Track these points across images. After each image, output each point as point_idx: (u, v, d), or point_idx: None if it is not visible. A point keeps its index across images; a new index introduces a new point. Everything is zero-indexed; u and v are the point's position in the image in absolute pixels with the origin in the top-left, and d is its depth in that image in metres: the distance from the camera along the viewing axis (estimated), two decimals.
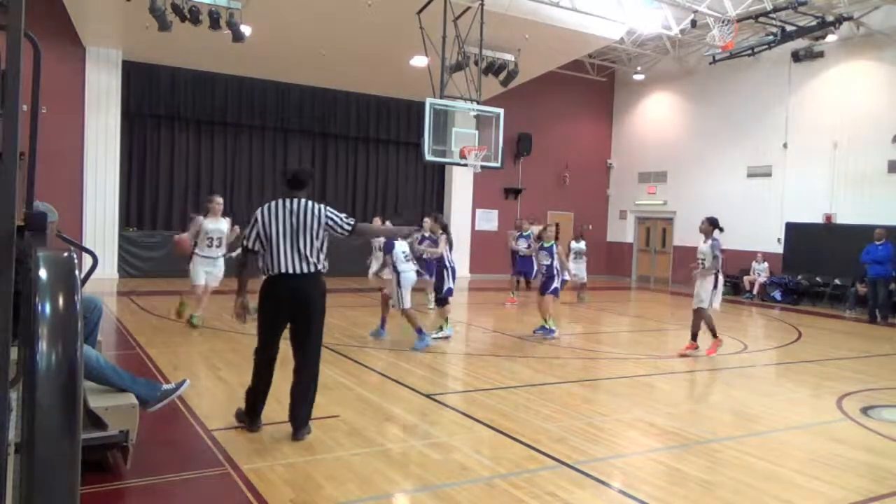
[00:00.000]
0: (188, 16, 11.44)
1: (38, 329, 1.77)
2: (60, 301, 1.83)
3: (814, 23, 13.93)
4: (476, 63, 13.09)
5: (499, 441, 4.91)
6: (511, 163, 19.45)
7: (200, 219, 8.65)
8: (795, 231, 16.63)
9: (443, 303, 9.03)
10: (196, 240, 8.66)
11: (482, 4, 11.75)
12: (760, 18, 13.82)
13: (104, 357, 4.16)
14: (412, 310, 8.37)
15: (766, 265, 16.47)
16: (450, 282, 9.05)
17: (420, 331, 8.26)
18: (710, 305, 8.48)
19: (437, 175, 19.70)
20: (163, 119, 16.13)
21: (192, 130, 16.61)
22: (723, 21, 13.80)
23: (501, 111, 12.22)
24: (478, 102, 12.14)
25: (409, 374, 6.95)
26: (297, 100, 17.25)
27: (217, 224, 8.63)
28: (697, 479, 4.28)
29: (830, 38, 15.17)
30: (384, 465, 4.30)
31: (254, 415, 4.81)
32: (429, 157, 11.67)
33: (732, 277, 16.19)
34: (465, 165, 12.30)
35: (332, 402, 5.61)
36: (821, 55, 16.24)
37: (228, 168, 17.04)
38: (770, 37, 14.35)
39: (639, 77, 20.41)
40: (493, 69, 14.70)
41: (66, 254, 1.95)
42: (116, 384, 3.93)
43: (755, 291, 16.35)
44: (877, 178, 15.07)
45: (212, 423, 4.97)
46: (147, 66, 15.35)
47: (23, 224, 2.22)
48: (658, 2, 14.39)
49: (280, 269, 4.59)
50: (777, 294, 15.97)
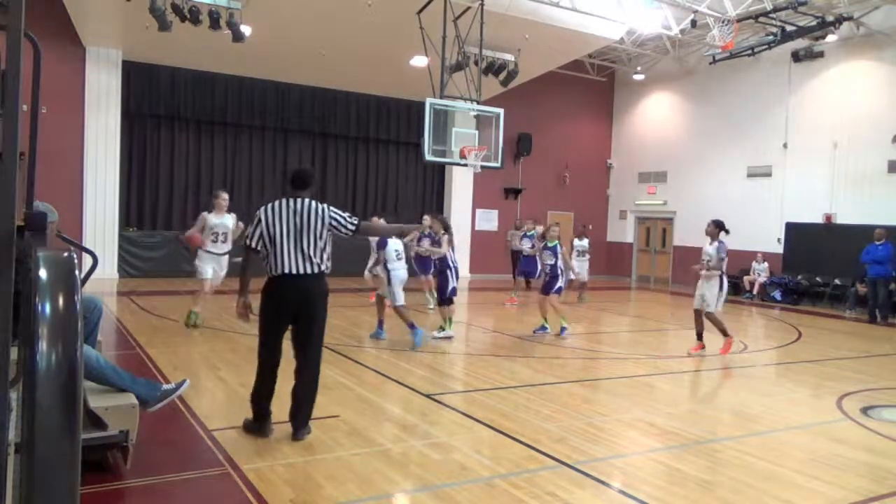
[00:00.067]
0: (188, 16, 11.44)
1: (38, 329, 1.77)
2: (60, 301, 1.83)
3: (814, 23, 13.93)
4: (476, 63, 13.09)
5: (499, 441, 4.91)
6: (511, 163, 19.45)
7: (205, 214, 8.68)
8: (795, 231, 16.63)
9: (448, 302, 9.07)
10: (201, 235, 8.68)
11: (482, 4, 11.75)
12: (760, 18, 13.81)
13: (104, 357, 4.16)
14: (403, 307, 8.47)
15: (766, 265, 16.47)
16: (453, 281, 9.09)
17: (412, 325, 8.38)
18: (716, 308, 8.50)
19: (437, 175, 19.70)
20: (163, 119, 16.13)
21: (192, 130, 16.61)
22: (723, 21, 13.80)
23: (501, 111, 12.22)
24: (478, 102, 12.14)
25: (409, 374, 6.96)
26: (297, 100, 17.26)
27: (222, 219, 8.63)
28: (697, 479, 4.28)
29: (830, 38, 15.17)
30: (384, 465, 4.30)
31: (262, 419, 4.71)
32: (429, 157, 11.67)
33: (732, 277, 16.09)
34: (465, 165, 12.30)
35: (332, 402, 5.60)
36: (821, 55, 16.24)
37: (228, 168, 17.04)
38: (770, 37, 14.35)
39: (639, 77, 20.41)
40: (493, 69, 14.70)
41: (66, 254, 1.95)
42: (116, 384, 3.93)
43: (755, 291, 16.35)
44: (877, 178, 15.07)
45: (212, 423, 4.97)
46: (147, 66, 15.35)
47: (23, 224, 2.22)
48: (658, 2, 14.39)
49: (283, 270, 4.56)
50: (777, 294, 15.98)
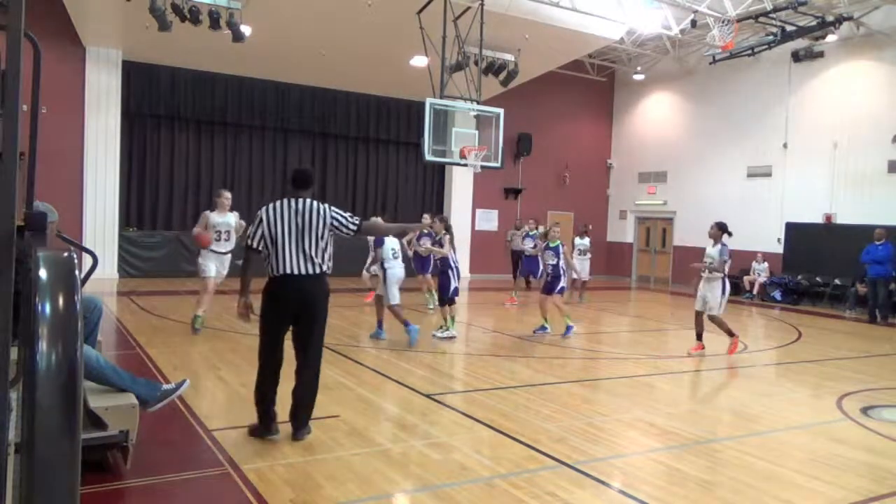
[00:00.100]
0: (188, 16, 11.44)
1: (38, 329, 1.77)
2: (60, 301, 1.83)
3: (814, 23, 13.93)
4: (476, 63, 13.08)
5: (499, 441, 4.91)
6: (511, 163, 19.44)
7: (207, 212, 8.65)
8: (795, 231, 16.63)
9: (450, 303, 9.11)
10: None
11: (482, 4, 11.74)
12: (760, 18, 13.81)
13: (104, 357, 4.16)
14: (398, 306, 8.57)
15: (766, 265, 16.47)
16: (455, 281, 9.13)
17: (406, 323, 8.48)
18: (720, 311, 8.50)
19: (437, 175, 19.69)
20: (163, 119, 16.13)
21: (192, 130, 16.61)
22: (723, 21, 13.79)
23: (501, 111, 12.22)
24: (478, 102, 12.14)
25: (409, 374, 6.96)
26: (297, 100, 17.25)
27: (224, 218, 8.59)
28: (697, 479, 4.28)
29: (830, 38, 15.17)
30: (384, 465, 4.30)
31: (268, 420, 4.65)
32: (429, 157, 11.67)
33: (733, 277, 16.11)
34: (465, 165, 12.30)
35: (332, 402, 5.60)
36: (821, 55, 16.23)
37: (228, 168, 17.03)
38: (770, 37, 14.35)
39: (639, 77, 20.41)
40: (493, 69, 14.69)
41: (66, 254, 1.95)
42: (116, 384, 3.93)
43: (755, 291, 16.35)
44: (877, 178, 15.07)
45: (212, 423, 4.98)
46: (147, 66, 15.35)
47: (23, 224, 2.22)
48: (658, 2, 14.39)
49: (285, 270, 4.54)
50: (777, 294, 15.98)
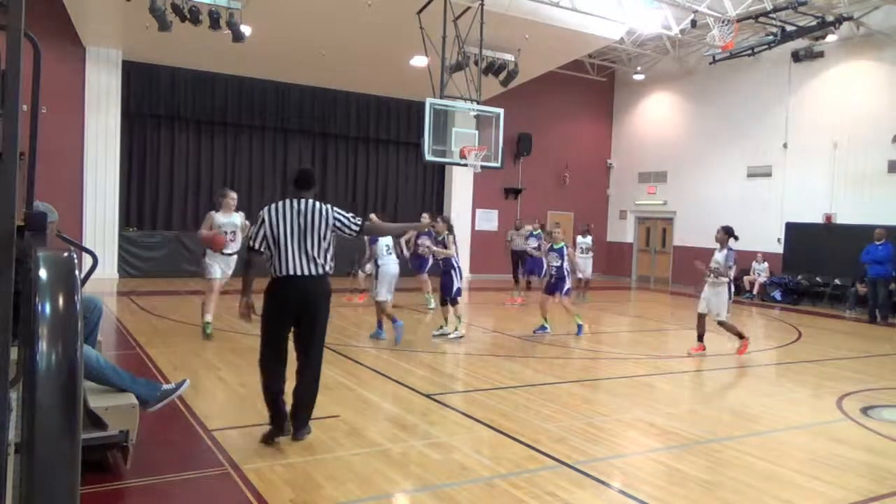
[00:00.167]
0: (188, 16, 11.44)
1: (38, 329, 1.77)
2: (60, 301, 1.82)
3: (814, 23, 13.93)
4: (476, 63, 13.08)
5: (499, 441, 4.92)
6: (511, 163, 19.44)
7: (212, 213, 8.45)
8: (795, 231, 16.62)
9: (453, 303, 9.15)
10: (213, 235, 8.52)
11: (482, 4, 11.74)
12: (760, 18, 13.81)
13: (104, 357, 4.16)
14: (385, 302, 8.64)
15: (766, 265, 16.47)
16: (458, 281, 9.16)
17: (394, 320, 8.55)
18: (728, 313, 8.52)
19: (437, 175, 19.69)
20: (163, 119, 16.13)
21: (192, 130, 16.60)
22: (723, 21, 13.79)
23: (501, 111, 12.22)
24: (478, 102, 12.14)
25: (409, 374, 6.96)
26: (297, 100, 17.25)
27: (230, 218, 8.37)
28: (697, 479, 4.28)
29: (830, 38, 15.17)
30: (384, 465, 4.30)
31: (279, 419, 4.56)
32: (429, 157, 11.67)
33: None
34: (465, 165, 12.30)
35: (332, 402, 5.60)
36: (821, 55, 16.23)
37: (228, 168, 17.03)
38: (770, 37, 14.34)
39: (639, 77, 20.40)
40: (493, 69, 14.69)
41: (66, 254, 1.95)
42: (116, 384, 3.93)
43: (755, 291, 16.35)
44: (877, 178, 15.07)
45: (212, 423, 4.98)
46: (147, 66, 15.34)
47: (23, 224, 2.22)
48: (658, 2, 14.39)
49: (288, 271, 4.51)
50: (777, 294, 15.98)
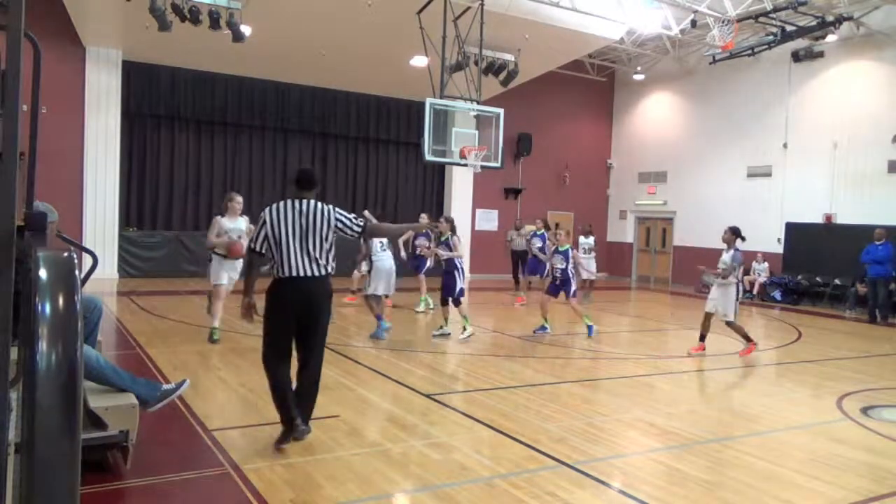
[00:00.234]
0: (188, 16, 11.43)
1: (38, 329, 1.77)
2: (60, 301, 1.82)
3: (814, 23, 13.92)
4: (476, 63, 13.08)
5: (499, 441, 4.91)
6: (511, 163, 19.43)
7: (218, 218, 8.30)
8: (795, 231, 16.61)
9: (456, 303, 9.16)
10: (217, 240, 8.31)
11: (482, 4, 11.74)
12: (760, 18, 13.80)
13: (104, 357, 4.16)
14: (376, 297, 8.76)
15: (766, 265, 16.46)
16: (461, 282, 9.18)
17: (378, 317, 8.63)
18: (736, 314, 8.52)
19: (437, 175, 19.68)
20: (163, 119, 16.12)
21: (192, 130, 16.60)
22: (723, 21, 13.79)
23: (501, 111, 12.21)
24: (478, 102, 12.14)
25: (409, 374, 6.96)
26: (297, 100, 17.25)
27: (236, 223, 8.19)
28: (697, 479, 4.28)
29: (830, 38, 15.16)
30: (384, 465, 4.31)
31: (290, 419, 4.48)
32: (429, 157, 11.67)
33: None
34: (465, 165, 12.30)
35: (332, 402, 5.60)
36: (821, 55, 16.23)
37: (228, 168, 17.03)
38: (770, 37, 14.34)
39: (639, 77, 20.39)
40: (493, 69, 14.68)
41: (66, 254, 1.95)
42: (116, 384, 3.93)
43: (755, 291, 16.34)
44: (877, 178, 15.06)
45: (212, 423, 4.98)
46: (147, 66, 15.34)
47: (23, 224, 2.22)
48: (658, 2, 14.39)
49: (290, 272, 4.48)
50: (777, 294, 15.97)
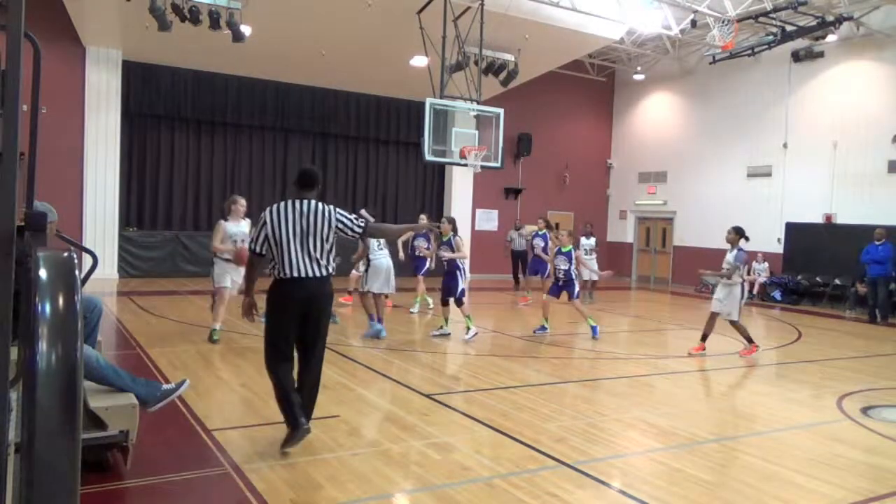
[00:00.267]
0: (188, 16, 11.43)
1: (38, 329, 1.77)
2: (60, 301, 1.82)
3: (814, 23, 13.92)
4: (476, 63, 13.09)
5: (499, 441, 4.91)
6: (511, 163, 19.43)
7: (222, 222, 8.27)
8: (795, 231, 16.61)
9: (459, 303, 9.17)
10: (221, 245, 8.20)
11: (482, 4, 11.75)
12: (760, 18, 13.80)
13: (104, 357, 4.16)
14: (371, 295, 8.76)
15: (767, 265, 16.47)
16: (462, 282, 9.20)
17: (371, 317, 8.65)
18: (740, 314, 8.53)
19: (437, 175, 19.68)
20: (163, 119, 16.12)
21: (192, 130, 16.60)
22: (723, 21, 13.79)
23: (501, 111, 12.22)
24: (478, 102, 12.15)
25: (409, 374, 6.96)
26: (297, 100, 17.24)
27: (239, 226, 8.19)
28: (697, 479, 4.28)
29: (830, 38, 15.15)
30: (384, 465, 4.31)
31: (294, 417, 4.43)
32: (429, 157, 11.68)
33: None
34: (465, 165, 12.30)
35: (332, 402, 5.60)
36: (821, 55, 16.23)
37: (228, 168, 17.03)
38: (770, 37, 14.33)
39: (639, 77, 20.39)
40: (493, 69, 14.68)
41: (66, 254, 1.95)
42: (116, 384, 3.93)
43: (755, 291, 16.32)
44: (877, 178, 15.07)
45: (212, 423, 4.98)
46: (147, 66, 15.34)
47: (23, 224, 2.22)
48: (658, 2, 14.39)
49: (292, 273, 4.46)
50: (777, 294, 15.97)
